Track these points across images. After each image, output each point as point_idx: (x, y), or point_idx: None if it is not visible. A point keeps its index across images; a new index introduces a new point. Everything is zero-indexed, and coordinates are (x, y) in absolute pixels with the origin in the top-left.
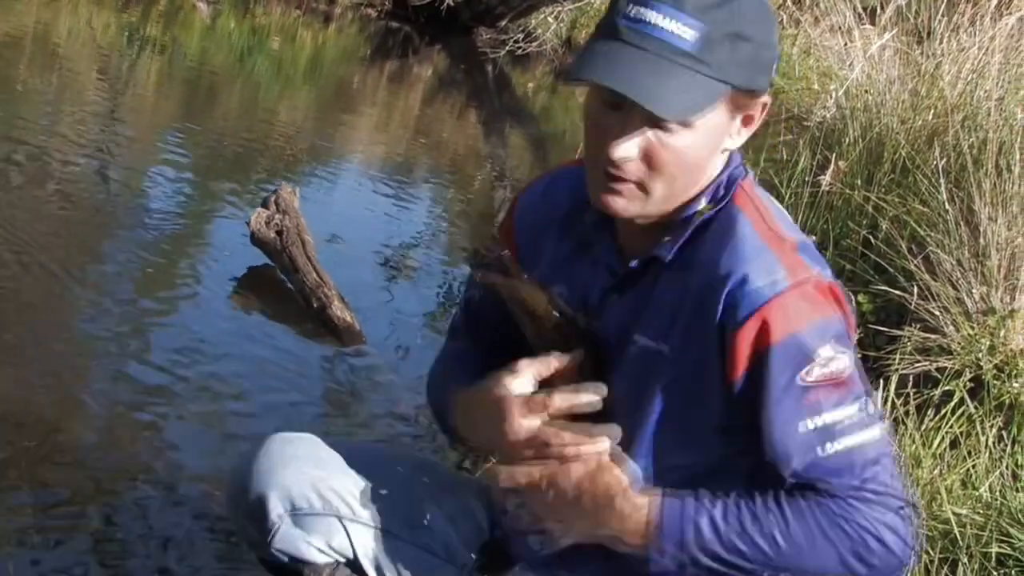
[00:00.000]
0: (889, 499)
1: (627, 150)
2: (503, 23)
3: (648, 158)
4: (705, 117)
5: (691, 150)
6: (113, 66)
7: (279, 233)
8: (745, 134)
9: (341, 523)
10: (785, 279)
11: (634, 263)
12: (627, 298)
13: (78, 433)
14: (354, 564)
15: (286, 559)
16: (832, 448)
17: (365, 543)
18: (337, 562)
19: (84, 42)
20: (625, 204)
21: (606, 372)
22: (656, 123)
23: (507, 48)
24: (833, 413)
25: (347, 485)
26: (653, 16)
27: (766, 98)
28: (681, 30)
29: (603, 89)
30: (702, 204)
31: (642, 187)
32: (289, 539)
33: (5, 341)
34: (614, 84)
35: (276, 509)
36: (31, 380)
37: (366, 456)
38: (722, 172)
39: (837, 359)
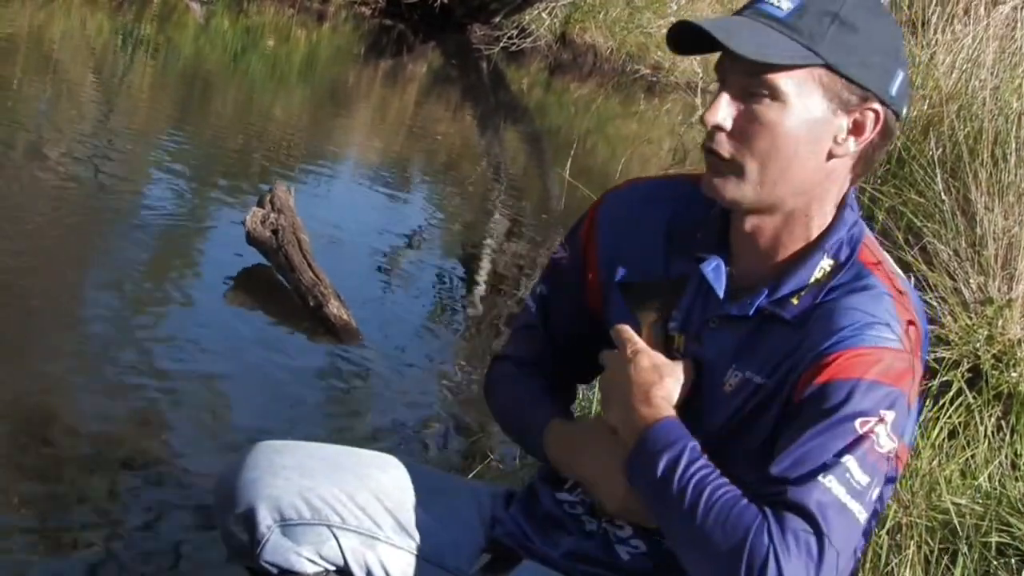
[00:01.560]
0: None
1: (717, 117)
2: (497, 19)
3: (740, 129)
4: (797, 92)
5: (783, 129)
6: (108, 67)
7: (275, 232)
8: (853, 145)
9: (331, 531)
10: (900, 343)
11: (751, 311)
12: (731, 330)
13: (73, 430)
14: (344, 572)
15: (275, 571)
16: (830, 484)
17: (355, 550)
18: (327, 570)
19: (78, 44)
20: (722, 184)
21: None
22: (749, 94)
23: (501, 44)
24: (854, 465)
25: (335, 493)
26: None
27: (878, 106)
28: (780, 2)
29: (716, 72)
30: (823, 260)
31: (736, 166)
32: (279, 550)
33: (1, 341)
34: (696, 25)
35: (265, 520)
36: (27, 378)
37: (354, 462)
38: (840, 227)
39: (886, 436)
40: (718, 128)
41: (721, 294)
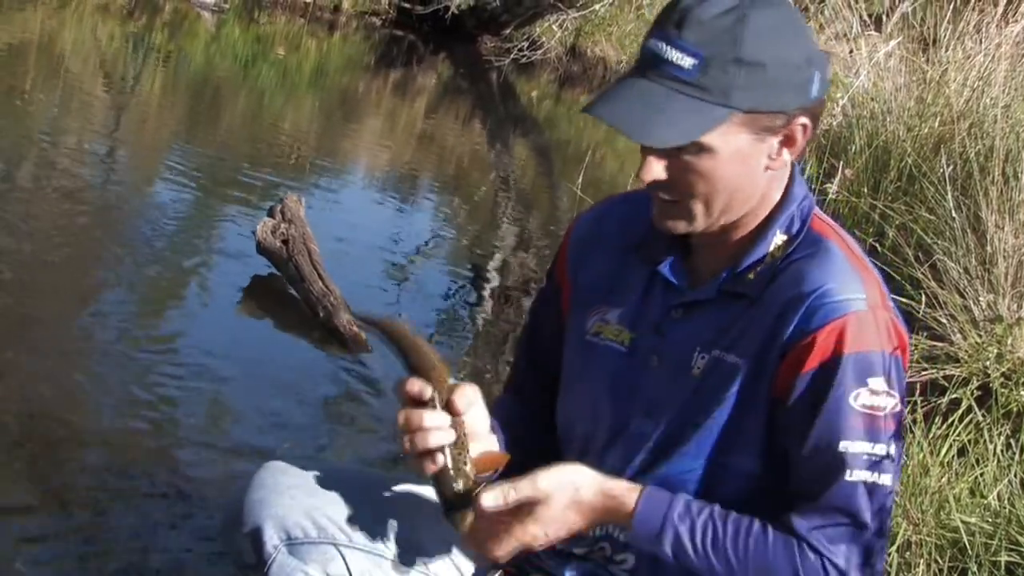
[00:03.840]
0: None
1: (653, 174)
2: (507, 31)
3: (675, 180)
4: (723, 142)
5: (718, 173)
6: (118, 75)
7: (285, 242)
8: (788, 155)
9: (337, 550)
10: (865, 301)
11: (714, 293)
12: (695, 316)
13: (83, 440)
14: None
15: None
16: (852, 477)
17: (362, 569)
18: None
19: (90, 51)
20: (673, 223)
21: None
22: (677, 148)
23: (511, 56)
24: (865, 444)
25: (342, 512)
26: (662, 47)
27: (804, 119)
28: (681, 59)
29: None
30: (776, 236)
31: (684, 207)
32: (286, 569)
33: (11, 350)
34: (607, 118)
35: (271, 540)
36: (37, 386)
37: (360, 482)
38: (790, 203)
39: (884, 395)
40: (655, 182)
41: (682, 285)
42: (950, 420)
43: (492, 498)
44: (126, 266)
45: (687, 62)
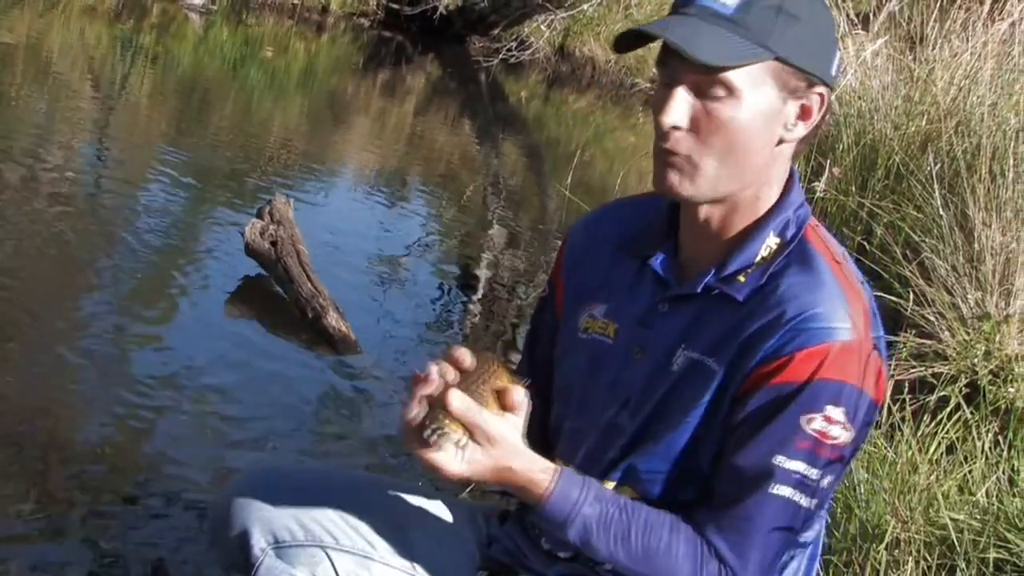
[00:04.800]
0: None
1: (674, 117)
2: (496, 31)
3: (696, 127)
4: (751, 87)
5: (739, 124)
6: (106, 77)
7: (274, 243)
8: (802, 128)
9: (325, 553)
10: (850, 331)
11: (699, 288)
12: (680, 313)
13: (71, 443)
14: None
15: None
16: (778, 491)
17: (350, 571)
18: None
19: (77, 53)
20: (678, 179)
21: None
22: (703, 92)
23: (500, 56)
24: (800, 464)
25: (329, 514)
26: None
27: (822, 89)
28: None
29: (660, 68)
30: (770, 238)
31: (692, 162)
32: (273, 572)
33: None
34: (654, 30)
35: (259, 543)
36: (26, 390)
37: (347, 483)
38: (787, 206)
39: (839, 426)
40: (674, 128)
41: (670, 280)
42: (938, 418)
43: (460, 403)
44: (114, 268)
45: (731, 1)
